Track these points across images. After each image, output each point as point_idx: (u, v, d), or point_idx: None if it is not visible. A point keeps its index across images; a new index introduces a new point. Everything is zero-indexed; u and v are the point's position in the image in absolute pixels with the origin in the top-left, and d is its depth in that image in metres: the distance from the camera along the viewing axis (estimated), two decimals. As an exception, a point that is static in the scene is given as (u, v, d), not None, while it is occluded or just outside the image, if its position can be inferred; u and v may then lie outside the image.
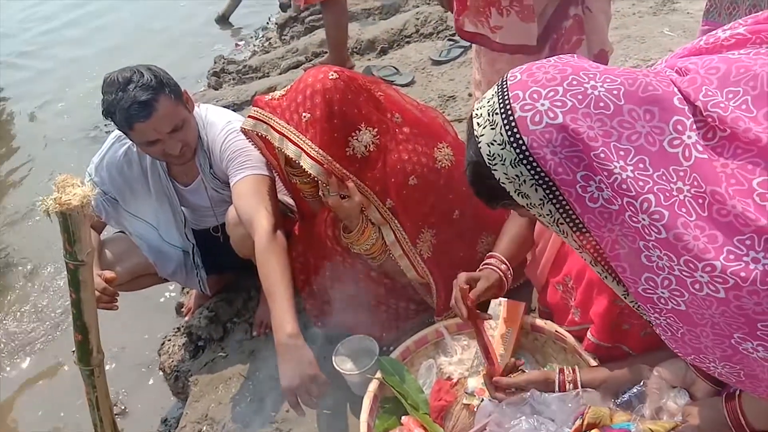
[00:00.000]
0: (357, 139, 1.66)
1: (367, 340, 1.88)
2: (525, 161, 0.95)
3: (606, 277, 1.15)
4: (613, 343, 1.49)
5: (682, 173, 0.89)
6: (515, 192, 1.00)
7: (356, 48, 4.31)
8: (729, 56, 0.95)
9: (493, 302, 1.80)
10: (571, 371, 1.48)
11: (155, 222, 2.16)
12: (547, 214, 1.01)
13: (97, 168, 2.09)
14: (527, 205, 1.02)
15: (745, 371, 0.97)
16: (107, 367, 1.85)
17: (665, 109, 0.91)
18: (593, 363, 1.54)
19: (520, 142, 0.94)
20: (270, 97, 1.73)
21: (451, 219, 1.83)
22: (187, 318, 2.56)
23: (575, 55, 1.03)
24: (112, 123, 1.89)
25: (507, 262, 1.69)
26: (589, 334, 1.55)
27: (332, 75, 1.64)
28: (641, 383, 1.37)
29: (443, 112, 3.26)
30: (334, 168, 1.64)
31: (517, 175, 0.97)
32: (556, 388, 1.45)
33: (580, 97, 0.93)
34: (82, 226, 1.54)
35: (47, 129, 4.96)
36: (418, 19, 4.39)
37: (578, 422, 1.33)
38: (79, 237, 1.54)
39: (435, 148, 1.78)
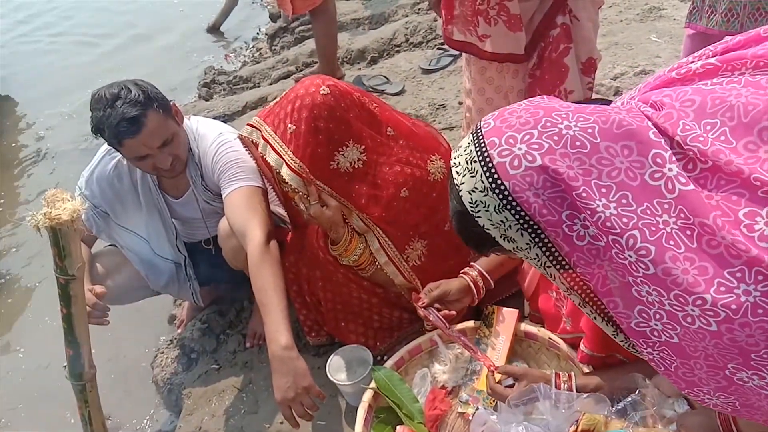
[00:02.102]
0: (343, 155, 1.67)
1: (360, 350, 1.88)
2: (509, 206, 0.95)
3: (596, 317, 1.14)
4: (606, 353, 1.50)
5: (666, 205, 0.89)
6: (501, 237, 1.00)
7: (346, 57, 4.32)
8: (702, 87, 0.95)
9: (487, 310, 1.81)
10: (567, 376, 1.49)
11: (146, 235, 2.15)
12: (534, 258, 1.01)
13: (87, 182, 2.08)
14: (514, 249, 1.02)
15: (741, 401, 0.96)
16: (99, 381, 1.83)
17: (642, 143, 0.91)
18: (586, 370, 1.55)
19: (502, 187, 0.95)
20: (271, 104, 1.74)
21: (443, 230, 1.83)
22: (179, 330, 2.55)
23: (545, 96, 1.04)
24: (102, 139, 1.89)
25: (482, 271, 1.78)
26: (582, 346, 1.56)
27: (324, 90, 1.65)
28: (637, 392, 1.37)
29: (434, 121, 3.29)
30: (311, 181, 1.65)
31: (501, 221, 0.97)
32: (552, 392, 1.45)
33: (555, 138, 0.93)
34: (73, 240, 1.53)
35: (36, 141, 4.93)
36: (407, 28, 4.42)
37: (572, 428, 1.34)
38: (69, 252, 1.53)
39: (428, 161, 1.79)
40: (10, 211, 4.12)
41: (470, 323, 1.81)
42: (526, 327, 1.75)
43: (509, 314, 1.77)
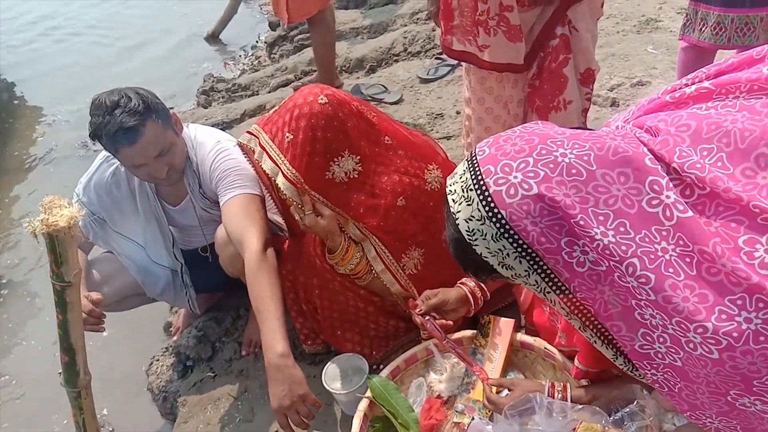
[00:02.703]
0: (338, 165, 1.67)
1: (356, 359, 1.88)
2: (506, 234, 0.95)
3: (596, 341, 1.14)
4: (601, 369, 1.49)
5: (665, 233, 0.89)
6: (499, 265, 1.00)
7: (345, 66, 4.34)
8: (697, 112, 0.95)
9: (483, 320, 1.81)
10: (561, 386, 1.49)
11: (143, 242, 2.15)
12: (534, 284, 1.01)
13: (84, 188, 2.08)
14: (512, 276, 1.01)
15: (743, 425, 0.96)
16: (94, 388, 1.83)
17: (638, 169, 0.91)
18: (583, 381, 1.54)
19: (499, 216, 0.94)
20: (270, 113, 1.75)
21: (440, 239, 1.83)
22: (175, 337, 2.54)
23: (539, 122, 1.04)
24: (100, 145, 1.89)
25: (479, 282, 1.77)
26: (576, 362, 1.56)
27: (322, 99, 1.65)
28: (635, 402, 1.37)
29: (431, 130, 3.30)
30: (306, 191, 1.66)
31: (499, 249, 0.97)
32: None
33: (551, 165, 0.93)
34: (70, 247, 1.53)
35: (34, 147, 4.93)
36: (406, 38, 4.44)
37: (569, 438, 1.34)
38: (66, 258, 1.53)
39: (426, 170, 1.80)
40: (8, 217, 4.12)
41: (467, 332, 1.81)
42: (523, 337, 1.75)
43: (505, 324, 1.77)
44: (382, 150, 1.75)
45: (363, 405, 1.68)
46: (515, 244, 0.95)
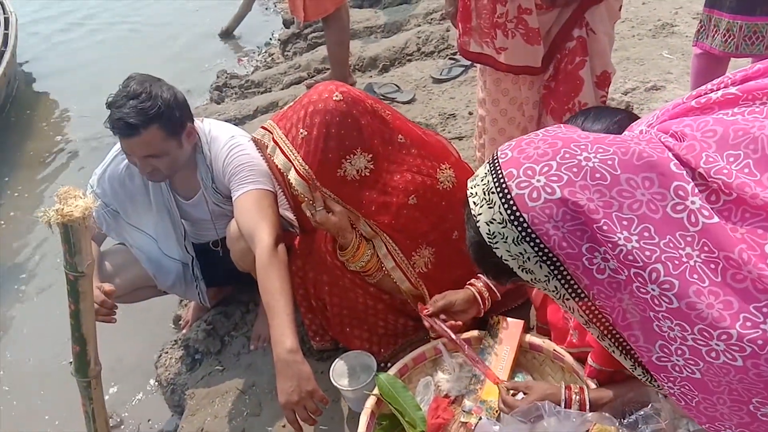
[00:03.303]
0: (350, 163, 1.68)
1: (364, 356, 1.88)
2: (527, 238, 0.94)
3: (614, 351, 1.12)
4: (614, 368, 1.49)
5: (689, 238, 0.87)
6: (520, 269, 0.98)
7: (358, 65, 4.35)
8: (724, 118, 0.94)
9: (492, 320, 1.81)
10: (578, 388, 1.47)
11: (155, 234, 2.16)
12: (553, 290, 0.99)
13: (99, 180, 2.10)
14: (532, 280, 1.00)
15: None
16: (103, 379, 1.84)
17: (663, 174, 0.90)
18: (591, 383, 1.54)
19: (521, 219, 0.93)
20: (285, 108, 1.76)
21: (451, 239, 1.84)
22: (184, 330, 2.55)
23: (562, 126, 1.03)
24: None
25: (489, 283, 1.79)
26: (589, 360, 1.55)
27: (337, 96, 1.66)
28: (650, 405, 1.36)
29: (443, 130, 3.30)
30: (317, 188, 1.67)
31: (520, 253, 0.96)
32: (563, 405, 1.44)
33: (575, 170, 0.92)
34: (83, 237, 1.54)
35: (48, 139, 4.98)
36: (419, 37, 4.44)
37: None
38: (79, 248, 1.54)
39: (438, 170, 1.80)
40: (24, 207, 4.16)
41: (475, 333, 1.81)
42: (531, 338, 1.75)
43: (514, 325, 1.77)
44: (395, 148, 1.75)
45: (370, 402, 1.68)
46: (536, 248, 0.94)
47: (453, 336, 1.70)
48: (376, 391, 1.71)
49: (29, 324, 3.16)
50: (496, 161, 0.99)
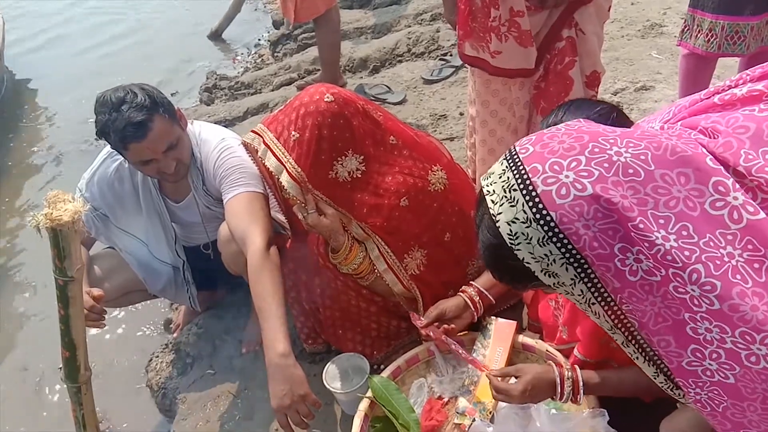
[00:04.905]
0: (342, 164, 1.68)
1: (357, 359, 1.88)
2: (554, 238, 0.87)
3: (638, 357, 1.06)
4: (600, 359, 1.49)
5: (731, 237, 0.84)
6: (542, 272, 0.92)
7: (348, 66, 4.34)
8: (754, 114, 0.91)
9: (485, 321, 1.81)
10: (570, 367, 1.45)
11: (145, 238, 2.15)
12: (579, 294, 0.93)
13: (88, 184, 2.08)
14: (555, 284, 0.93)
15: None
16: (94, 384, 1.83)
17: (699, 170, 0.85)
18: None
19: (548, 218, 0.86)
20: (275, 112, 1.75)
21: (442, 241, 1.84)
22: (175, 334, 2.54)
23: (582, 120, 0.98)
24: (106, 143, 1.89)
25: (481, 289, 1.79)
26: (576, 351, 1.55)
27: (328, 98, 1.65)
28: None
29: (435, 131, 3.30)
30: (309, 190, 1.66)
31: (545, 254, 0.89)
32: (557, 381, 1.42)
33: (606, 165, 0.86)
34: (73, 242, 1.53)
35: (37, 142, 4.93)
36: (410, 38, 4.44)
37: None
38: (69, 253, 1.53)
39: (429, 171, 1.80)
40: (12, 211, 4.12)
41: (468, 334, 1.81)
42: (524, 339, 1.75)
43: (507, 326, 1.77)
44: (386, 150, 1.75)
45: (364, 405, 1.68)
46: (563, 249, 0.87)
47: (446, 339, 1.70)
48: (369, 393, 1.70)
49: (19, 328, 3.13)
50: (515, 156, 0.93)
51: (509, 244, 0.91)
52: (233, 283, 2.13)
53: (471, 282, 1.83)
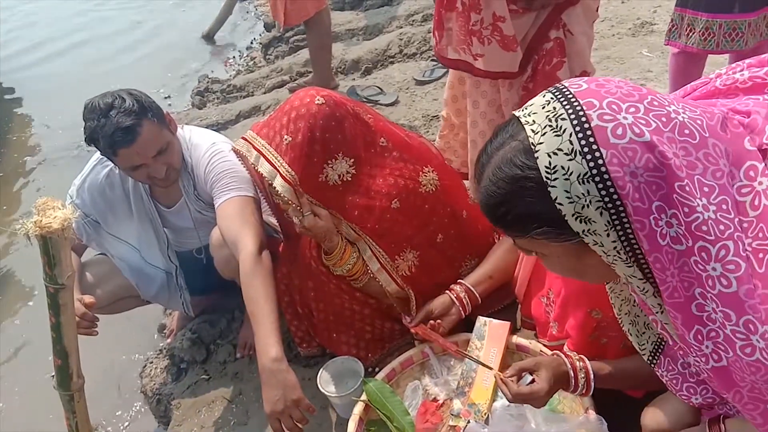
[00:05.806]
0: (332, 168, 1.67)
1: (351, 362, 1.87)
2: (598, 177, 0.80)
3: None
4: (590, 356, 1.49)
5: (746, 224, 0.81)
6: (573, 216, 0.83)
7: (340, 68, 4.34)
8: (760, 100, 0.90)
9: (479, 322, 1.81)
10: (579, 357, 1.43)
11: (137, 244, 2.14)
12: (610, 246, 0.85)
13: (78, 190, 2.07)
14: (583, 232, 0.84)
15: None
16: (87, 391, 1.81)
17: (739, 153, 0.83)
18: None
19: (597, 154, 0.79)
20: (266, 118, 1.75)
21: (435, 242, 1.84)
22: (169, 340, 2.53)
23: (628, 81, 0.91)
24: (96, 149, 1.88)
25: (469, 287, 1.81)
26: (566, 348, 1.55)
27: (319, 100, 1.65)
28: None
29: (427, 132, 3.30)
30: (301, 194, 1.66)
31: (583, 194, 0.81)
32: (570, 374, 1.40)
33: (664, 119, 0.81)
34: (63, 249, 1.52)
35: (27, 148, 4.91)
36: (401, 39, 4.44)
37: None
38: (59, 260, 1.52)
39: (420, 173, 1.80)
40: (5, 220, 4.09)
41: (461, 336, 1.81)
42: (518, 340, 1.75)
43: (501, 326, 1.77)
44: (377, 151, 1.75)
45: (358, 408, 1.67)
46: (604, 192, 0.80)
47: (441, 339, 1.70)
48: (364, 396, 1.70)
49: (11, 336, 3.11)
50: (564, 90, 0.85)
51: (544, 178, 0.82)
52: (226, 287, 2.12)
53: (460, 280, 1.83)
